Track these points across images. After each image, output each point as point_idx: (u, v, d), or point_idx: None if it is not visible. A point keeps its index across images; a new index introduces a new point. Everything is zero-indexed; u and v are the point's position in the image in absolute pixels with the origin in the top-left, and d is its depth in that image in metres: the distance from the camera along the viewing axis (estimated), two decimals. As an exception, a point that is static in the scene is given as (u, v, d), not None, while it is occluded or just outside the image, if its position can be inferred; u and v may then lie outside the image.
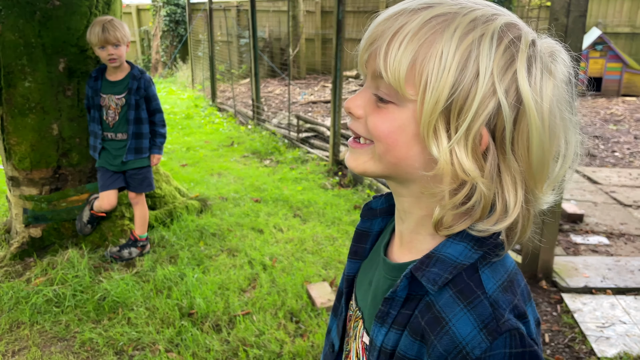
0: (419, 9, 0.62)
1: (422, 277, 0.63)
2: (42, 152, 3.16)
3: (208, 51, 9.74)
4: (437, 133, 0.60)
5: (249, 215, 4.01)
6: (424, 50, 0.60)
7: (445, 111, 0.60)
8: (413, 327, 0.64)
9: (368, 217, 0.83)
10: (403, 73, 0.60)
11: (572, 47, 2.69)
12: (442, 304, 0.62)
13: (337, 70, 5.16)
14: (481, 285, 0.62)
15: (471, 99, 0.59)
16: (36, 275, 3.00)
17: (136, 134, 3.03)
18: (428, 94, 0.59)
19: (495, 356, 0.58)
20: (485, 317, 0.59)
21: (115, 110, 3.00)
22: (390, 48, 0.61)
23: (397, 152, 0.64)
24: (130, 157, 3.04)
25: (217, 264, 3.18)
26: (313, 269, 3.12)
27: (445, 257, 0.64)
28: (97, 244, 3.31)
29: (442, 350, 0.59)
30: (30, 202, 3.24)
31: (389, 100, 0.63)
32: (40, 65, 3.03)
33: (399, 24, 0.61)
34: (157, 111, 3.12)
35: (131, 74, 3.00)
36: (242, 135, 7.24)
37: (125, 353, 2.43)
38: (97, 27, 2.81)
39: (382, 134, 0.64)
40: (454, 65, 0.59)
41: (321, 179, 5.06)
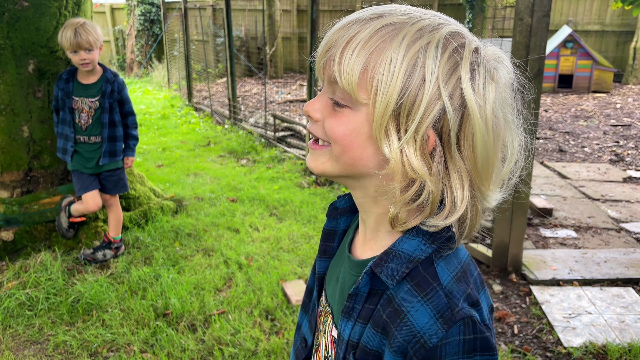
0: (371, 19, 0.65)
1: (381, 272, 0.66)
2: (13, 154, 3.13)
3: (184, 50, 9.68)
4: (388, 134, 0.64)
5: (225, 215, 4.02)
6: (374, 57, 0.63)
7: (395, 114, 0.63)
8: (375, 320, 0.67)
9: (333, 216, 0.86)
10: (355, 78, 0.63)
11: (536, 46, 2.76)
12: (401, 297, 0.65)
13: (311, 69, 5.19)
14: (436, 277, 0.65)
15: (418, 102, 0.62)
16: (8, 279, 2.97)
17: (110, 137, 3.02)
18: (379, 98, 0.63)
19: (450, 343, 0.62)
20: (440, 307, 0.63)
21: (88, 113, 2.97)
22: (343, 55, 0.64)
23: (353, 153, 0.67)
24: (105, 161, 3.02)
25: (192, 264, 3.19)
26: (288, 267, 3.15)
27: (402, 252, 0.67)
28: (71, 246, 3.28)
29: (402, 340, 0.63)
30: (2, 205, 3.20)
31: (344, 104, 0.67)
32: (9, 67, 3.00)
33: (352, 33, 0.65)
34: (130, 114, 3.11)
35: (104, 77, 2.97)
36: (219, 135, 7.23)
37: (100, 355, 2.43)
38: (69, 31, 2.76)
39: (338, 136, 0.67)
40: (402, 71, 0.62)
41: (298, 177, 5.09)
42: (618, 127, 7.64)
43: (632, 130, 7.45)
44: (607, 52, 12.16)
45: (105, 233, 3.23)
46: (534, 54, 2.85)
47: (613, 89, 10.74)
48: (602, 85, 10.47)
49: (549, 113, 8.69)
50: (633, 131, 7.37)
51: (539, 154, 6.17)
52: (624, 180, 5.12)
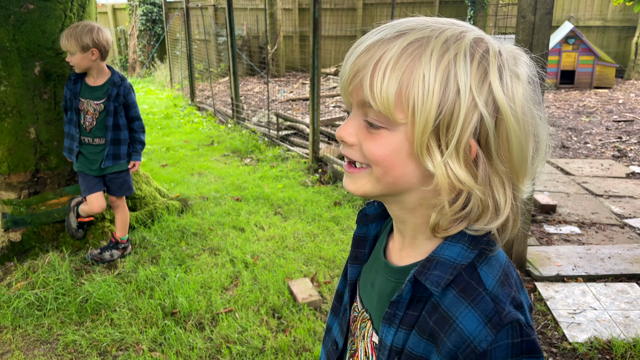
0: (395, 37, 0.66)
1: (426, 280, 0.67)
2: (20, 156, 3.15)
3: (186, 50, 9.70)
4: (430, 150, 0.65)
5: (230, 214, 4.05)
6: (406, 76, 0.64)
7: (434, 129, 0.64)
8: (421, 327, 0.68)
9: (364, 223, 0.87)
10: (392, 100, 0.64)
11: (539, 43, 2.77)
12: (448, 303, 0.66)
13: (314, 68, 5.21)
14: (481, 283, 0.66)
15: (456, 115, 0.64)
16: (17, 280, 3.00)
17: (114, 140, 3.03)
18: (417, 117, 0.64)
19: (499, 347, 0.63)
20: (488, 312, 0.64)
21: (93, 115, 2.99)
22: (374, 78, 0.65)
23: (395, 172, 0.68)
24: (108, 164, 3.04)
25: (199, 263, 3.21)
26: (294, 266, 3.17)
27: (445, 259, 0.68)
28: (78, 246, 3.31)
29: (452, 346, 0.64)
30: (9, 206, 3.23)
31: (380, 125, 0.67)
32: (15, 69, 3.02)
33: (379, 54, 0.66)
34: (136, 119, 3.12)
35: (111, 80, 2.98)
36: (222, 134, 7.25)
37: (109, 354, 2.45)
38: (63, 34, 2.84)
39: (379, 158, 0.68)
40: (437, 86, 0.63)
41: (301, 176, 5.11)
42: (621, 122, 7.64)
43: (635, 125, 7.44)
44: (609, 47, 12.14)
45: (112, 233, 3.25)
46: (537, 52, 2.86)
47: (615, 85, 10.72)
48: (604, 81, 10.46)
49: (551, 109, 8.69)
50: (636, 127, 7.37)
51: (541, 151, 6.18)
52: (627, 176, 5.12)
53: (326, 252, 3.37)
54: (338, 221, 3.90)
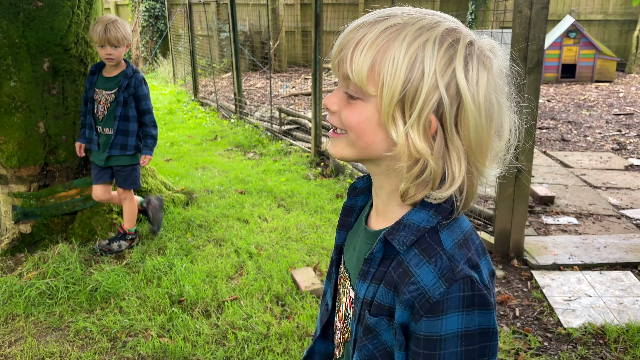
0: (376, 22, 0.76)
1: (393, 239, 0.77)
2: (30, 149, 3.24)
3: (189, 46, 9.77)
4: (395, 121, 0.74)
5: (234, 206, 4.13)
6: (380, 55, 0.73)
7: (399, 103, 0.73)
8: (387, 280, 0.78)
9: (353, 195, 0.98)
10: (365, 74, 0.74)
11: (535, 37, 2.85)
12: (409, 260, 0.76)
13: (316, 63, 5.27)
14: (440, 244, 0.76)
15: (419, 93, 0.72)
16: (28, 270, 3.09)
17: (122, 130, 3.10)
18: (385, 90, 0.73)
19: (451, 299, 0.71)
20: (443, 268, 0.73)
21: (104, 105, 3.09)
22: (354, 55, 0.75)
23: (366, 138, 0.78)
24: (115, 152, 3.11)
25: (204, 254, 3.30)
26: (297, 256, 3.25)
27: (411, 222, 0.78)
28: (87, 238, 3.40)
29: (410, 296, 0.74)
30: (19, 199, 3.32)
31: (356, 96, 0.77)
32: (25, 65, 3.10)
33: (360, 35, 0.75)
34: (146, 112, 3.17)
35: (124, 72, 3.07)
36: (226, 129, 7.32)
37: (119, 339, 2.54)
38: (100, 26, 2.90)
39: (352, 125, 0.78)
40: (404, 66, 0.72)
41: (304, 169, 5.19)
42: (621, 115, 7.69)
43: (635, 119, 7.49)
44: (610, 41, 12.16)
45: (120, 225, 3.34)
46: (534, 46, 2.93)
47: (616, 78, 10.75)
48: (605, 75, 10.50)
49: (552, 103, 8.74)
50: (635, 120, 7.42)
51: (541, 144, 6.24)
52: (625, 168, 5.19)
53: (328, 242, 3.45)
54: (340, 213, 3.97)
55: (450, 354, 0.72)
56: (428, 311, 0.72)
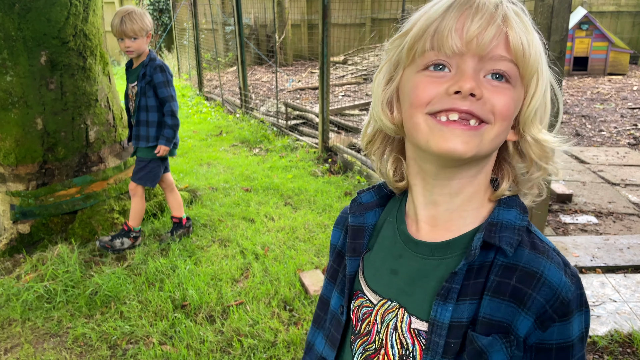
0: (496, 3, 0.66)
1: (500, 242, 0.66)
2: (27, 147, 3.11)
3: (193, 40, 9.63)
4: (533, 117, 0.69)
5: (240, 204, 4.00)
6: (529, 37, 0.66)
7: None
8: (498, 289, 0.65)
9: (359, 212, 0.81)
10: (534, 61, 0.66)
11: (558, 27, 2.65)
12: (526, 262, 0.65)
13: (324, 56, 5.12)
14: (543, 241, 0.69)
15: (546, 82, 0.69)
16: (26, 272, 2.98)
17: (142, 121, 3.05)
18: (541, 82, 0.67)
19: (574, 298, 0.65)
20: (561, 265, 0.66)
21: (132, 98, 3.09)
22: (512, 30, 0.64)
23: (507, 131, 0.68)
24: (142, 144, 3.06)
25: (209, 255, 3.17)
26: (305, 257, 3.12)
27: (507, 222, 0.68)
28: (87, 238, 3.28)
29: (543, 300, 0.64)
30: (17, 198, 3.20)
31: (508, 80, 0.65)
32: (21, 59, 2.97)
33: (501, 15, 0.65)
34: (165, 100, 3.05)
35: (143, 62, 3.02)
36: (231, 124, 7.19)
37: (119, 347, 2.42)
38: (116, 19, 2.84)
39: (506, 113, 0.66)
40: (542, 53, 0.68)
41: (311, 166, 5.05)
42: (636, 109, 7.49)
43: (651, 112, 7.29)
44: (622, 33, 11.90)
45: (125, 221, 3.23)
46: (556, 36, 2.77)
47: (629, 71, 10.52)
48: (618, 67, 10.27)
49: (564, 96, 8.54)
50: (652, 114, 7.22)
51: (555, 139, 6.07)
52: (644, 164, 5.01)
53: (338, 243, 3.31)
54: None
55: (576, 349, 0.67)
56: (563, 314, 0.64)
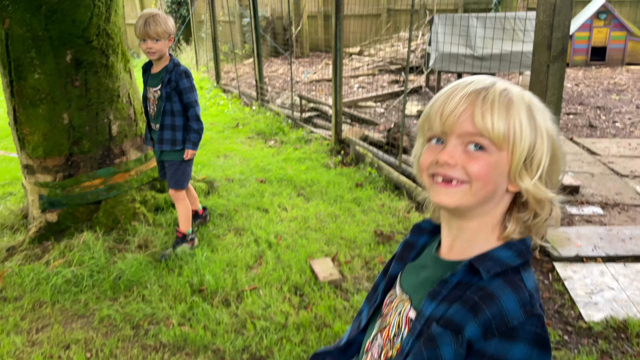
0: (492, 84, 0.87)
1: (480, 266, 0.85)
2: (54, 140, 3.31)
3: (211, 32, 9.79)
4: (521, 173, 0.85)
5: (255, 195, 4.16)
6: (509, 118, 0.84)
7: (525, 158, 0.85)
8: (465, 300, 0.84)
9: (417, 234, 1.06)
10: (501, 133, 0.83)
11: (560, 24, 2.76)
12: (494, 287, 0.83)
13: (337, 50, 5.23)
14: (522, 282, 0.84)
15: (540, 150, 0.85)
16: (54, 258, 3.18)
17: (169, 125, 3.09)
18: (517, 148, 0.84)
19: (526, 330, 0.80)
20: (525, 301, 0.81)
21: (153, 102, 3.12)
22: (486, 110, 0.84)
23: (490, 187, 0.86)
24: (166, 147, 3.11)
25: (224, 243, 3.34)
26: (316, 246, 3.27)
27: (497, 257, 0.86)
28: (110, 226, 3.47)
29: (490, 315, 0.81)
30: (45, 188, 3.40)
31: (484, 149, 0.85)
32: (48, 58, 3.15)
33: (484, 94, 0.85)
34: (189, 105, 3.10)
35: (166, 66, 3.06)
36: (247, 117, 7.35)
37: (142, 327, 2.61)
38: (140, 21, 2.90)
39: (482, 175, 0.85)
40: (528, 129, 0.84)
41: (324, 158, 5.19)
42: (652, 100, 7.45)
43: (667, 103, 7.25)
44: (643, 22, 11.73)
45: (176, 229, 3.32)
46: (558, 33, 2.85)
47: (649, 61, 10.39)
48: (637, 57, 10.16)
49: (579, 87, 8.52)
50: (668, 105, 7.18)
51: (568, 130, 6.10)
52: (655, 156, 5.04)
53: (347, 232, 3.45)
54: (359, 202, 3.97)
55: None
56: (503, 333, 0.80)
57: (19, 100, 3.26)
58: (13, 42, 3.13)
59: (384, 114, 7.47)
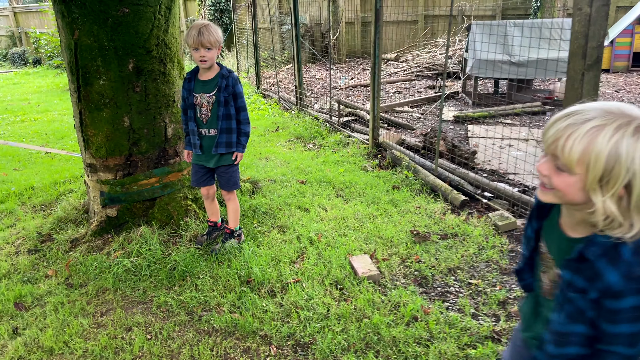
0: (584, 122, 1.09)
1: (587, 253, 1.13)
2: (116, 141, 3.61)
3: (252, 39, 10.11)
4: (595, 192, 1.09)
5: (296, 195, 4.38)
6: (587, 148, 1.07)
7: (599, 181, 1.08)
8: (584, 274, 1.15)
9: (544, 206, 1.36)
10: (574, 161, 1.09)
11: (595, 35, 2.91)
12: (599, 266, 1.11)
13: (375, 57, 5.42)
14: (621, 255, 1.10)
15: (615, 175, 1.06)
16: (115, 249, 3.47)
17: (227, 129, 3.23)
18: (590, 174, 1.08)
19: (629, 289, 1.08)
20: (623, 271, 1.09)
21: (207, 107, 3.23)
22: (566, 145, 1.09)
23: (568, 197, 1.15)
24: (221, 150, 3.25)
25: (269, 239, 3.57)
26: (355, 244, 3.46)
27: (599, 241, 1.13)
28: (165, 222, 3.75)
29: (601, 286, 1.11)
30: (106, 185, 3.71)
31: (564, 170, 1.13)
32: (112, 66, 3.45)
33: (571, 130, 1.09)
34: (242, 109, 3.27)
35: (220, 73, 3.22)
36: (287, 121, 7.61)
37: (195, 313, 2.85)
38: (194, 31, 3.10)
39: (560, 189, 1.15)
40: (605, 157, 1.06)
41: (362, 161, 5.37)
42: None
43: None
44: (689, 27, 11.44)
45: (225, 226, 3.57)
46: (593, 42, 2.96)
47: (694, 67, 10.16)
48: (682, 63, 9.94)
49: (619, 93, 8.43)
50: None
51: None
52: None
53: (384, 232, 3.63)
54: (396, 204, 4.14)
55: (625, 312, 1.10)
56: (612, 296, 1.10)
57: (85, 104, 3.57)
58: (81, 51, 3.45)
59: (420, 119, 7.60)
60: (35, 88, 13.33)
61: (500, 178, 4.63)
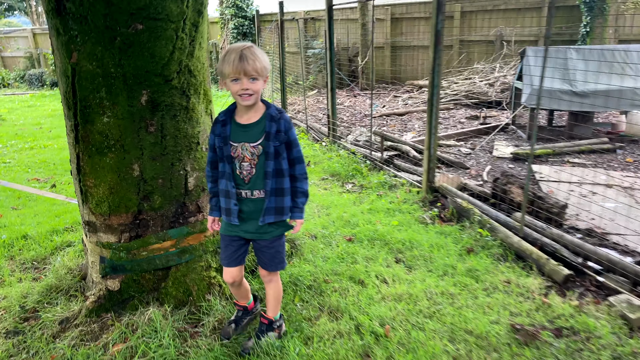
0: None
1: None
2: (122, 195, 2.78)
3: (278, 63, 9.38)
4: None
5: (345, 259, 3.49)
6: None
7: None
8: None
9: None
10: None
11: None
12: None
13: (434, 86, 4.57)
14: None
15: None
16: (114, 341, 2.61)
17: (277, 189, 2.35)
18: None
19: None
20: None
21: (250, 161, 2.32)
22: None
23: None
24: (269, 219, 2.37)
25: (319, 331, 2.66)
26: (438, 343, 2.54)
27: None
28: (181, 299, 2.89)
29: None
30: (108, 250, 2.87)
31: None
32: (120, 98, 2.64)
33: None
34: (297, 160, 2.39)
35: (268, 114, 2.32)
36: (319, 154, 6.79)
37: None
38: (234, 55, 2.18)
39: None
40: None
41: (417, 210, 4.48)
42: None
43: None
44: None
45: (262, 314, 2.65)
46: None
47: None
48: None
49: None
50: None
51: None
52: None
53: (473, 323, 2.71)
54: (477, 276, 3.22)
55: None
56: None
57: (84, 147, 2.75)
58: (80, 79, 2.64)
59: (470, 155, 6.71)
60: (50, 111, 12.77)
61: (601, 241, 3.69)
